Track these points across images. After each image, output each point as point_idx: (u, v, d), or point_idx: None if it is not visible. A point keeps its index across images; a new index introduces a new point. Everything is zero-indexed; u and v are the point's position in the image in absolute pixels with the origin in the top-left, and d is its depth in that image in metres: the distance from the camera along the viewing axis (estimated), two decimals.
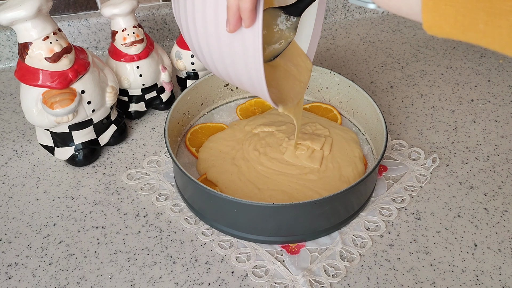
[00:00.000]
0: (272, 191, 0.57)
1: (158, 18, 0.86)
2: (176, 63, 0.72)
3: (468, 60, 0.84)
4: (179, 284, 0.50)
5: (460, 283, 0.50)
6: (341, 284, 0.50)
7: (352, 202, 0.54)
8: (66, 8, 0.84)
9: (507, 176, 0.62)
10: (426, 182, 0.61)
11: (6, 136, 0.70)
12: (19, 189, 0.61)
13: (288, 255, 0.53)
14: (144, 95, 0.70)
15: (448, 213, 0.57)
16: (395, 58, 0.85)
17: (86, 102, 0.59)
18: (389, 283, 0.50)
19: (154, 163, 0.65)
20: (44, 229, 0.56)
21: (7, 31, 0.81)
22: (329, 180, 0.58)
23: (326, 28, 0.94)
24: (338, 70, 0.82)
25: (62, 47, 0.55)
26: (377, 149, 0.61)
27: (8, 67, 0.85)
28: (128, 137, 0.69)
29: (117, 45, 0.65)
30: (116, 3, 0.62)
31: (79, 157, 0.63)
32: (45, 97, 0.56)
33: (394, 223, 0.56)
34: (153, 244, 0.54)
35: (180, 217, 0.57)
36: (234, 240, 0.54)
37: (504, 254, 0.53)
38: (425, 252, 0.53)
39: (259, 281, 0.50)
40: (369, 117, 0.63)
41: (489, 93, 0.76)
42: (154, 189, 0.61)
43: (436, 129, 0.69)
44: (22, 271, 0.52)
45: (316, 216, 0.52)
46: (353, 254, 0.53)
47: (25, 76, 0.56)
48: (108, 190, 0.61)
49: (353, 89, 0.65)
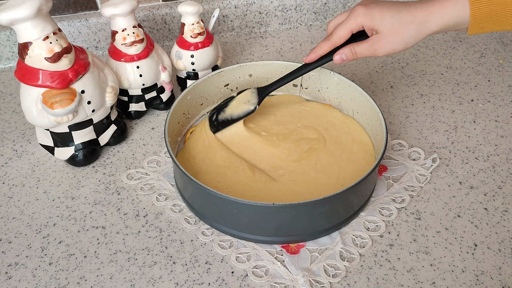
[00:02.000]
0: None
1: (158, 18, 0.86)
2: (176, 63, 0.72)
3: (468, 60, 0.84)
4: (179, 284, 0.50)
5: (460, 283, 0.50)
6: (341, 284, 0.50)
7: (352, 202, 0.54)
8: (66, 8, 0.84)
9: (507, 176, 0.62)
10: (426, 182, 0.61)
11: (6, 136, 0.70)
12: (19, 189, 0.61)
13: (288, 255, 0.53)
14: (144, 95, 0.70)
15: (448, 213, 0.57)
16: (395, 58, 0.85)
17: (86, 102, 0.59)
18: (389, 283, 0.50)
19: (154, 163, 0.65)
20: (44, 229, 0.56)
21: (7, 31, 0.81)
22: (328, 180, 0.58)
23: (326, 28, 0.94)
24: (338, 70, 0.82)
25: (62, 47, 0.55)
26: (377, 149, 0.61)
27: (8, 67, 0.85)
28: (128, 137, 0.69)
29: (117, 45, 0.65)
30: (116, 3, 0.62)
31: (79, 157, 0.63)
32: (45, 97, 0.56)
33: (394, 223, 0.56)
34: (153, 244, 0.54)
35: (180, 217, 0.57)
36: (234, 240, 0.54)
37: (504, 254, 0.53)
38: (425, 252, 0.53)
39: (259, 281, 0.50)
40: (369, 117, 0.63)
41: (489, 93, 0.76)
42: (154, 189, 0.61)
43: (436, 129, 0.69)
44: (22, 271, 0.52)
45: (316, 216, 0.52)
46: (353, 254, 0.53)
47: (25, 76, 0.56)
48: (108, 190, 0.61)
49: (353, 89, 0.65)
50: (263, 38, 0.92)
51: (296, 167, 0.60)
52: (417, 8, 0.52)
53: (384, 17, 0.53)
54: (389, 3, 0.54)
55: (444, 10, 0.50)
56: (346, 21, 0.55)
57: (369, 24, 0.54)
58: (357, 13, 0.54)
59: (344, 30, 0.56)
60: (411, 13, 0.52)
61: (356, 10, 0.54)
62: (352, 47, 0.56)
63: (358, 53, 0.56)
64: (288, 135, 0.65)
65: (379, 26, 0.53)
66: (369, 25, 0.54)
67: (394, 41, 0.53)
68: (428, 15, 0.51)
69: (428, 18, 0.51)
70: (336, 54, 0.57)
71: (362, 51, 0.55)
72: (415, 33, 0.52)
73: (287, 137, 0.65)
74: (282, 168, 0.60)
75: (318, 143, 0.63)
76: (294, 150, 0.62)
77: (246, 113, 0.64)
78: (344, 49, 0.57)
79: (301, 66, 0.62)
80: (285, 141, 0.64)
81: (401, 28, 0.52)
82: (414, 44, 0.53)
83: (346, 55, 0.57)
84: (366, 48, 0.55)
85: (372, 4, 0.54)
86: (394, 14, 0.52)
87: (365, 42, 0.55)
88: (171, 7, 0.86)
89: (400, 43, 0.53)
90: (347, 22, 0.55)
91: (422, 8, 0.52)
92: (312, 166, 0.60)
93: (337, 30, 0.56)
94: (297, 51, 0.88)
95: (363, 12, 0.54)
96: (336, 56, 0.57)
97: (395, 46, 0.53)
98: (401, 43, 0.53)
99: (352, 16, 0.55)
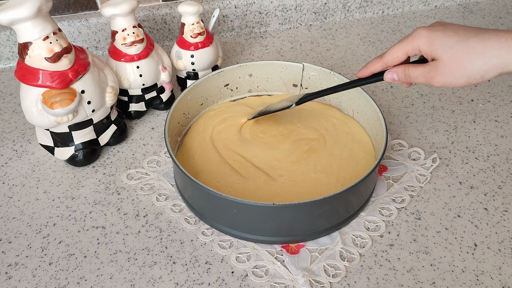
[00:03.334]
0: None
1: (158, 18, 0.86)
2: (176, 63, 0.72)
3: None
4: (179, 284, 0.50)
5: (460, 283, 0.50)
6: (341, 284, 0.50)
7: (352, 202, 0.54)
8: (66, 8, 0.84)
9: (507, 176, 0.62)
10: (426, 182, 0.61)
11: (6, 136, 0.70)
12: (19, 189, 0.61)
13: (288, 255, 0.53)
14: (144, 95, 0.70)
15: (448, 213, 0.57)
16: None
17: (86, 102, 0.59)
18: (389, 283, 0.50)
19: (154, 163, 0.65)
20: (44, 229, 0.56)
21: (7, 31, 0.81)
22: (328, 180, 0.58)
23: (326, 28, 0.94)
24: (338, 70, 0.82)
25: (62, 47, 0.55)
26: (377, 149, 0.61)
27: (8, 67, 0.85)
28: (128, 137, 0.69)
29: (117, 45, 0.65)
30: (116, 3, 0.62)
31: (79, 157, 0.63)
32: (45, 97, 0.56)
33: (394, 223, 0.56)
34: (153, 244, 0.54)
35: (180, 217, 0.57)
36: (234, 240, 0.54)
37: (504, 254, 0.53)
38: (425, 252, 0.53)
39: (259, 281, 0.50)
40: (369, 117, 0.63)
41: (489, 93, 0.76)
42: (154, 189, 0.61)
43: (436, 129, 0.69)
44: (22, 271, 0.52)
45: (316, 216, 0.52)
46: (353, 254, 0.53)
47: (25, 76, 0.56)
48: (108, 190, 0.61)
49: (353, 89, 0.65)
50: (263, 38, 0.92)
51: (296, 168, 0.60)
52: (492, 37, 0.43)
53: (447, 42, 0.45)
54: (459, 27, 0.46)
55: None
56: (403, 40, 0.48)
57: (427, 48, 0.46)
58: (416, 34, 0.47)
59: (399, 50, 0.49)
60: (482, 42, 0.43)
61: (417, 31, 0.47)
62: (407, 68, 0.49)
63: (411, 76, 0.48)
64: (287, 135, 0.65)
65: (439, 53, 0.45)
66: (427, 49, 0.46)
67: (454, 73, 0.45)
68: (505, 48, 0.42)
69: (505, 53, 0.42)
70: (388, 71, 0.51)
71: (416, 75, 0.48)
72: (483, 68, 0.43)
73: (287, 138, 0.65)
74: (281, 169, 0.60)
75: (318, 143, 0.63)
76: (294, 150, 0.62)
77: (282, 107, 0.62)
78: (397, 68, 0.50)
79: (353, 80, 0.56)
80: (285, 141, 0.64)
81: (465, 59, 0.44)
82: (481, 81, 0.44)
83: (398, 75, 0.50)
84: (421, 73, 0.47)
85: (438, 26, 0.47)
86: (460, 40, 0.44)
87: (421, 66, 0.47)
88: (171, 7, 0.86)
89: (461, 76, 0.44)
90: (403, 42, 0.48)
91: (498, 39, 0.42)
92: (312, 166, 0.60)
93: (391, 49, 0.49)
94: (297, 51, 0.88)
95: (424, 34, 0.46)
96: (387, 74, 0.51)
97: (454, 78, 0.45)
98: (463, 77, 0.44)
99: (410, 37, 0.48)
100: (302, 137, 0.65)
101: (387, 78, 0.51)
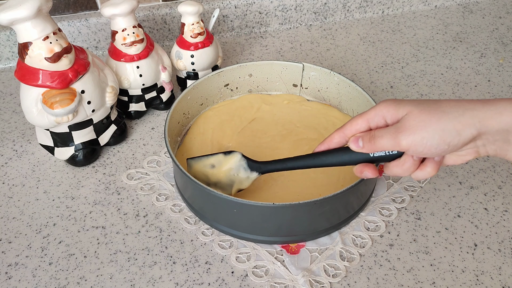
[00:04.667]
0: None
1: (158, 18, 0.86)
2: (176, 63, 0.72)
3: (468, 60, 0.84)
4: (179, 284, 0.50)
5: (460, 283, 0.50)
6: (341, 284, 0.50)
7: (352, 202, 0.54)
8: (66, 8, 0.84)
9: (507, 176, 0.62)
10: (426, 182, 0.61)
11: (6, 136, 0.70)
12: (19, 189, 0.61)
13: (288, 255, 0.53)
14: (144, 95, 0.70)
15: (448, 213, 0.57)
16: (395, 58, 0.85)
17: (86, 102, 0.59)
18: (389, 283, 0.50)
19: (154, 163, 0.65)
20: (44, 229, 0.56)
21: (7, 31, 0.81)
22: (328, 181, 0.58)
23: (326, 28, 0.94)
24: (338, 70, 0.82)
25: (62, 47, 0.55)
26: None
27: (8, 67, 0.85)
28: (128, 137, 0.69)
29: (117, 45, 0.65)
30: (116, 3, 0.62)
31: (79, 157, 0.63)
32: (45, 97, 0.56)
33: (394, 223, 0.56)
34: (153, 244, 0.54)
35: (180, 217, 0.57)
36: (234, 240, 0.54)
37: (504, 254, 0.53)
38: (425, 252, 0.53)
39: (259, 281, 0.50)
40: None
41: (489, 93, 0.76)
42: (154, 189, 0.61)
43: None
44: (22, 271, 0.52)
45: (316, 216, 0.52)
46: (353, 254, 0.53)
47: (25, 76, 0.56)
48: (108, 190, 0.61)
49: (353, 89, 0.65)
50: (263, 38, 0.92)
51: None
52: (464, 100, 0.41)
53: (416, 101, 0.42)
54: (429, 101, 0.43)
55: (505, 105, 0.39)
56: (364, 111, 0.45)
57: (393, 108, 0.42)
58: (380, 103, 0.44)
59: (359, 118, 0.45)
60: (455, 101, 0.41)
61: (381, 101, 0.44)
62: (373, 130, 0.44)
63: (377, 135, 0.43)
64: (287, 135, 0.65)
65: (408, 107, 0.41)
66: (392, 110, 0.42)
67: (426, 125, 0.40)
68: (480, 104, 0.40)
69: (480, 107, 0.40)
70: (353, 138, 0.46)
71: (382, 133, 0.43)
72: (459, 119, 0.39)
73: (286, 137, 0.65)
74: None
75: (318, 143, 0.63)
76: (294, 150, 0.62)
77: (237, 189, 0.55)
78: (362, 133, 0.45)
79: (310, 154, 0.50)
80: (284, 141, 0.64)
81: (438, 110, 0.40)
82: (457, 142, 0.40)
83: (362, 139, 0.45)
84: (388, 131, 0.42)
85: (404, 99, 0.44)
86: (431, 102, 0.41)
87: (389, 126, 0.43)
88: (171, 7, 0.86)
89: (434, 130, 0.39)
90: (364, 112, 0.45)
91: (471, 101, 0.41)
92: None
93: (352, 119, 0.46)
94: (297, 51, 0.88)
95: (388, 100, 0.44)
96: (351, 142, 0.46)
97: (427, 133, 0.40)
98: (436, 130, 0.39)
99: (372, 107, 0.45)
100: (301, 137, 0.65)
101: (351, 147, 0.46)
